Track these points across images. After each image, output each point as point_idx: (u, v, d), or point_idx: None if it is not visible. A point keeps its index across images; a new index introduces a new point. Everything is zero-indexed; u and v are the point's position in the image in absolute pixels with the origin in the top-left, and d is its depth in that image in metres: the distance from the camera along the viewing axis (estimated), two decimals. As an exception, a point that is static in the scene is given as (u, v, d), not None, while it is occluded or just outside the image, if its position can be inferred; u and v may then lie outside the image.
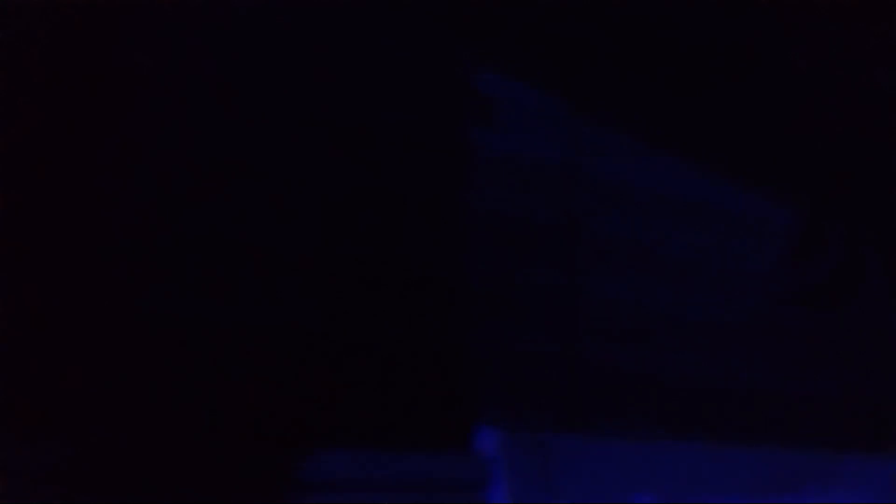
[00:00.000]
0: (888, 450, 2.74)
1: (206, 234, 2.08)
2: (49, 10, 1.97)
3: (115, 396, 1.97)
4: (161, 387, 2.00)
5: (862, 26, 2.75)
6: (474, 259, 2.33)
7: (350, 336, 2.17)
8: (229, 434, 2.03)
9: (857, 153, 2.85)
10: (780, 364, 2.71)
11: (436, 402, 2.25)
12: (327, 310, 2.17)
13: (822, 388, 2.74)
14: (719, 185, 2.65)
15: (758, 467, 2.59)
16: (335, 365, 2.17)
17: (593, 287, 2.47)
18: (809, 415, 2.72)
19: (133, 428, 1.97)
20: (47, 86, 1.97)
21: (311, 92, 2.18)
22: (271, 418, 2.08)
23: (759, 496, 2.58)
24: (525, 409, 2.39)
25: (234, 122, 2.11)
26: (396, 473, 2.13)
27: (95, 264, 1.98)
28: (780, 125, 2.76)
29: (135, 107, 2.02)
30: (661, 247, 2.57)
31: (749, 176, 2.68)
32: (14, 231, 1.94)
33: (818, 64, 2.75)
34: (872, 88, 2.83)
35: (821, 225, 2.78)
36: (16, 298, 1.92)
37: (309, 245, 2.15)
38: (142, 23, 2.04)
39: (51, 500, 1.85)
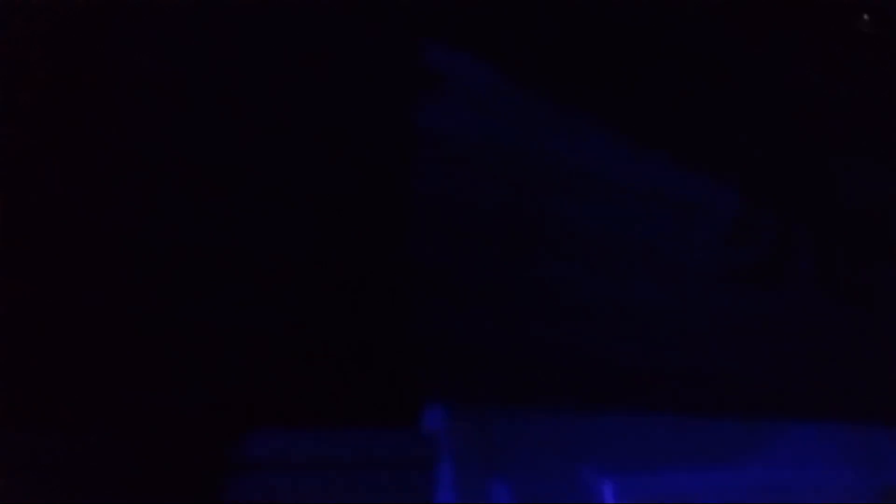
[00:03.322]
0: (829, 419, 2.80)
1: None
2: (49, 9, 1.98)
3: (112, 394, 1.99)
4: (155, 383, 2.02)
5: (807, 17, 2.79)
6: (419, 237, 2.33)
7: (294, 315, 2.18)
8: (170, 422, 2.04)
9: (792, 139, 2.89)
10: (719, 341, 2.76)
11: (381, 379, 2.24)
12: (270, 291, 2.16)
13: (760, 363, 2.81)
14: (657, 166, 2.68)
15: (702, 439, 2.63)
16: (278, 344, 2.17)
17: (538, 265, 2.49)
18: (751, 388, 2.79)
19: (124, 425, 1.99)
20: (47, 86, 1.98)
21: (263, 73, 2.18)
22: (219, 400, 2.08)
23: (705, 467, 2.62)
24: (469, 384, 2.39)
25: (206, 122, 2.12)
26: (342, 452, 2.13)
27: (91, 265, 2.00)
28: (718, 111, 2.79)
29: (122, 110, 2.04)
30: (600, 227, 2.59)
31: (686, 158, 2.71)
32: (12, 231, 1.95)
33: (759, 52, 2.78)
34: (810, 77, 2.87)
35: (755, 209, 2.84)
36: (13, 298, 1.94)
37: (253, 229, 2.14)
38: (139, 24, 2.05)
39: (51, 499, 1.87)
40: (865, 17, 2.85)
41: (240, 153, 2.16)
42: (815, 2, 2.83)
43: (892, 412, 2.87)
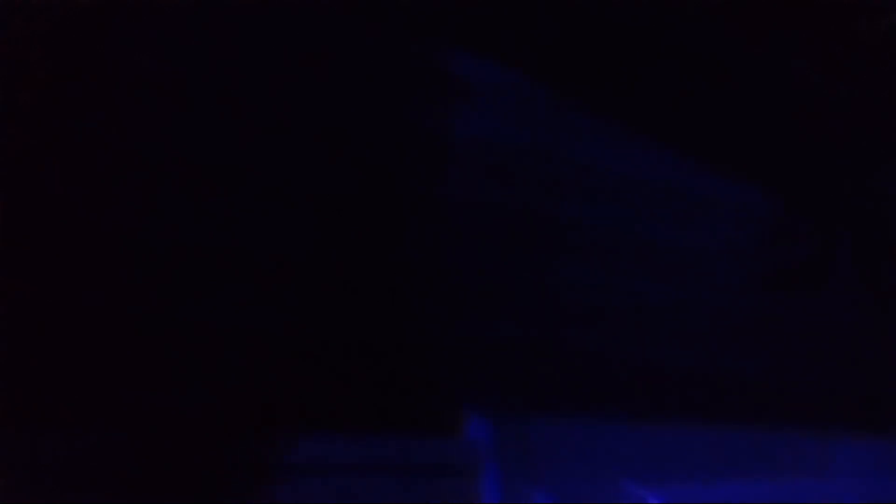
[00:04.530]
0: (869, 432, 2.77)
1: (192, 235, 2.10)
2: (49, 9, 1.98)
3: (113, 395, 1.99)
4: (157, 383, 2.02)
5: (839, 20, 2.78)
6: (456, 245, 2.33)
7: (342, 325, 2.18)
8: (223, 418, 2.05)
9: (832, 139, 2.87)
10: (757, 348, 2.73)
11: (425, 388, 2.26)
12: (317, 301, 2.18)
13: (798, 372, 2.77)
14: (694, 169, 2.66)
15: (743, 448, 2.61)
16: (329, 353, 2.18)
17: (576, 273, 2.48)
18: (790, 397, 2.75)
19: (130, 423, 1.99)
20: (47, 86, 1.99)
21: (275, 79, 2.19)
22: (267, 404, 2.09)
23: (745, 477, 2.60)
24: (510, 394, 2.40)
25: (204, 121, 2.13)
26: (388, 457, 2.15)
27: (91, 265, 2.00)
28: (755, 110, 2.77)
29: (122, 110, 2.04)
30: (638, 232, 2.58)
31: (724, 161, 2.69)
32: (12, 231, 1.95)
33: (795, 52, 2.77)
34: (849, 77, 2.85)
35: (795, 210, 2.81)
36: (13, 298, 1.94)
37: (288, 239, 2.16)
38: (139, 24, 2.06)
39: (50, 499, 1.88)
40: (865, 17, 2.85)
41: (240, 153, 2.16)
42: (815, 2, 2.83)
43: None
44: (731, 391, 2.69)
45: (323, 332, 2.19)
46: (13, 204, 1.96)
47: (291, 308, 2.17)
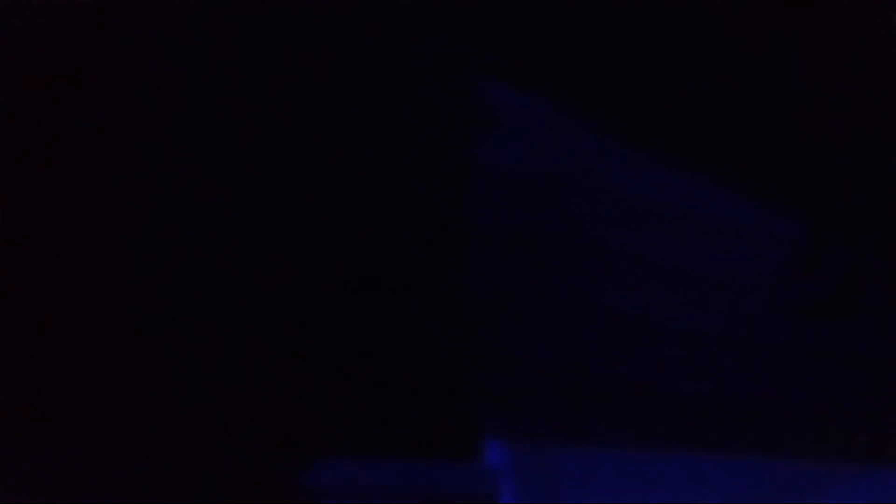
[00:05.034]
0: (891, 461, 2.75)
1: (199, 236, 2.10)
2: (49, 9, 1.99)
3: (113, 394, 1.99)
4: (165, 390, 2.03)
5: (858, 38, 2.78)
6: (477, 269, 2.33)
7: (358, 346, 2.18)
8: (232, 439, 2.05)
9: (858, 162, 2.85)
10: (783, 375, 2.71)
11: (443, 412, 2.24)
12: (334, 320, 2.17)
13: (825, 399, 2.75)
14: (723, 195, 2.65)
15: (764, 478, 2.59)
16: (343, 375, 2.17)
17: (597, 298, 2.47)
18: (814, 426, 2.73)
19: (136, 430, 1.99)
20: (47, 86, 1.99)
21: (313, 99, 2.20)
22: (277, 426, 2.09)
23: None
24: (530, 420, 2.38)
25: (221, 122, 2.13)
26: (404, 484, 2.12)
27: (91, 265, 2.00)
28: (780, 134, 2.76)
29: (122, 110, 2.04)
30: (665, 258, 2.56)
31: (752, 186, 2.68)
32: (12, 231, 1.96)
33: (819, 73, 2.77)
34: (872, 96, 2.84)
35: (823, 235, 2.79)
36: (13, 298, 1.94)
37: (313, 255, 2.16)
38: (139, 24, 2.06)
39: (50, 500, 1.88)
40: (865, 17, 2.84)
41: (240, 153, 2.16)
42: (815, 2, 2.83)
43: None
44: (759, 421, 2.67)
45: (340, 355, 2.18)
46: (13, 204, 1.97)
47: (293, 310, 2.17)
